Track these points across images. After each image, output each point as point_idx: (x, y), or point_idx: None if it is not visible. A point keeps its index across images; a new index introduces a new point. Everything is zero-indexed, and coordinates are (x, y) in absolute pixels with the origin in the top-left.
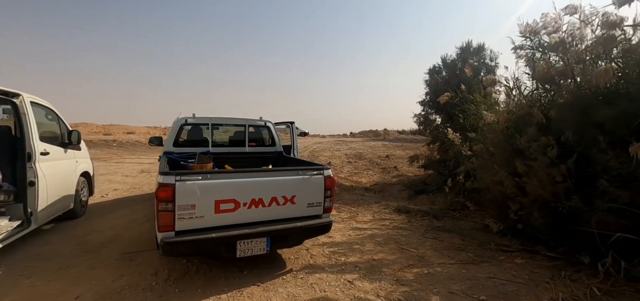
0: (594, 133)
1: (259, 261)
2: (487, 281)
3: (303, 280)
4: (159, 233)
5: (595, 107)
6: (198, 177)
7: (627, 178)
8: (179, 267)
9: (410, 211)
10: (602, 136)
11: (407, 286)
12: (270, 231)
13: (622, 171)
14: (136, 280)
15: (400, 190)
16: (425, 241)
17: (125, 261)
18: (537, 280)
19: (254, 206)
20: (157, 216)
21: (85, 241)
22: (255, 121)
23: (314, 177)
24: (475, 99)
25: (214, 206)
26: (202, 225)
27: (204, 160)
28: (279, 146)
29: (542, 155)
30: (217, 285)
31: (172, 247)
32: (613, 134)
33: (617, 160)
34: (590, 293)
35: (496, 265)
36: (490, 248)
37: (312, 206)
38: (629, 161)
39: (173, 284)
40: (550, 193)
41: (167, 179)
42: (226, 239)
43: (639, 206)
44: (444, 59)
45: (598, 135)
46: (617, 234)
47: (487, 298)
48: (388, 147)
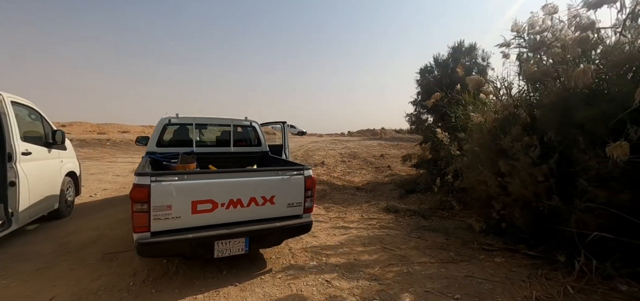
0: (575, 133)
1: (239, 262)
2: (465, 280)
3: (281, 279)
4: (134, 233)
5: (576, 108)
6: (174, 178)
7: (605, 178)
8: (159, 267)
9: (398, 210)
10: (582, 136)
11: (384, 285)
12: (248, 232)
13: (600, 171)
14: (114, 280)
15: (392, 189)
16: (409, 240)
17: (106, 261)
18: (513, 278)
19: (232, 206)
20: (132, 217)
21: (68, 241)
22: (241, 121)
23: (294, 177)
24: (464, 99)
25: (190, 206)
26: (179, 226)
27: (187, 160)
28: (265, 146)
29: (524, 155)
30: (195, 285)
31: (148, 248)
32: (593, 135)
33: (596, 160)
34: (564, 291)
35: (476, 263)
36: (472, 247)
37: (292, 206)
38: (607, 161)
39: (151, 285)
40: (532, 192)
41: (143, 180)
42: (203, 240)
43: (616, 205)
44: (436, 58)
45: (578, 135)
46: (594, 233)
47: (461, 297)
48: (384, 146)
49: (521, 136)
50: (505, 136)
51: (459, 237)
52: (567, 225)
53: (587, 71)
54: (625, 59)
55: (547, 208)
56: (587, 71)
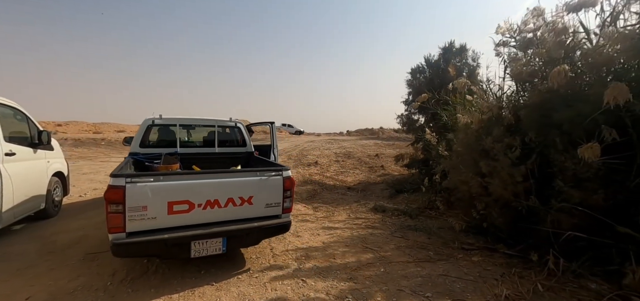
0: (554, 134)
1: (219, 261)
2: (439, 279)
3: (258, 279)
4: (110, 234)
5: (556, 109)
6: (150, 179)
7: (581, 179)
8: (139, 267)
9: (386, 210)
10: (559, 138)
11: (359, 284)
12: (226, 232)
13: (577, 172)
14: (92, 280)
15: (383, 189)
16: (391, 240)
17: (87, 261)
18: (487, 277)
19: (209, 207)
20: (107, 218)
21: (52, 241)
22: (225, 122)
23: (273, 178)
24: (452, 100)
25: (166, 207)
26: (155, 226)
27: (170, 161)
28: (250, 147)
29: (504, 156)
30: (172, 284)
31: (123, 248)
32: (571, 136)
33: (572, 161)
34: (534, 289)
35: (453, 262)
36: (452, 246)
37: (270, 207)
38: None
39: (128, 284)
40: (511, 192)
41: (118, 181)
42: (179, 240)
43: (589, 205)
44: (427, 59)
45: (557, 136)
46: (567, 232)
47: (432, 295)
48: (380, 146)
49: (502, 137)
50: (487, 137)
51: (441, 237)
52: (544, 225)
53: (561, 71)
54: (604, 61)
55: (525, 208)
56: (561, 71)
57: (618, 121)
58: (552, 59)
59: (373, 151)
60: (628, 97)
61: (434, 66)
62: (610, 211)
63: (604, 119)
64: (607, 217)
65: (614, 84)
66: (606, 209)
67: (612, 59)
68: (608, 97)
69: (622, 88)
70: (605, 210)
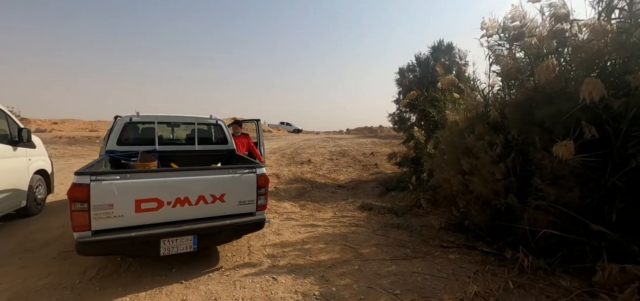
0: (534, 132)
1: (193, 259)
2: (412, 277)
3: (228, 277)
4: (74, 232)
5: (539, 106)
6: (116, 177)
7: (557, 176)
8: (111, 265)
9: (373, 208)
10: (538, 136)
11: (330, 283)
12: (197, 229)
13: (554, 169)
14: (61, 278)
15: (374, 187)
16: (372, 238)
17: (60, 260)
18: (460, 274)
19: (179, 204)
20: (71, 216)
21: (30, 239)
22: (206, 119)
23: (246, 175)
24: (440, 97)
25: (134, 205)
26: (122, 224)
27: (147, 159)
28: (231, 144)
29: (484, 153)
30: (141, 283)
31: (88, 247)
32: (552, 133)
33: (549, 159)
34: (505, 286)
35: (429, 260)
36: (432, 244)
37: (244, 204)
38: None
39: (97, 282)
40: (491, 190)
41: (82, 179)
42: (147, 238)
43: (565, 203)
44: (417, 57)
45: (538, 134)
46: (543, 230)
47: (401, 293)
48: (376, 144)
49: (484, 134)
50: (469, 135)
51: (423, 235)
52: (522, 223)
53: (549, 66)
54: (594, 56)
55: (504, 205)
56: (549, 66)
57: (597, 117)
58: (541, 54)
59: (369, 149)
60: (603, 93)
61: (423, 64)
62: (588, 209)
63: (584, 116)
64: (583, 215)
65: (588, 80)
66: (584, 207)
67: (602, 53)
68: (583, 92)
69: (596, 84)
70: (583, 208)
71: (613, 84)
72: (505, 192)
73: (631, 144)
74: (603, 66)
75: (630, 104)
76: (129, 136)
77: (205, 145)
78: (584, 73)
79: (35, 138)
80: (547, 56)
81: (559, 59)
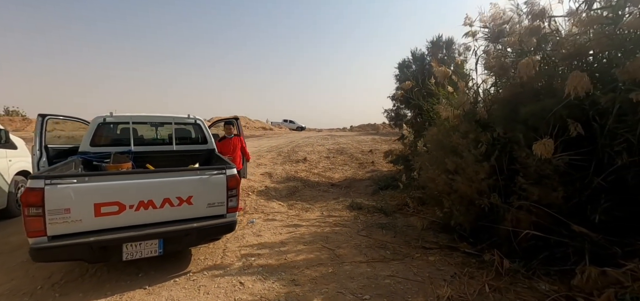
0: (519, 130)
1: (163, 263)
2: (385, 280)
3: (194, 282)
4: (29, 238)
5: (524, 104)
6: (73, 180)
7: (541, 175)
8: (78, 270)
9: (362, 207)
10: (522, 133)
11: (299, 286)
12: (162, 233)
13: (538, 169)
14: (23, 284)
15: (368, 185)
16: (353, 239)
17: (28, 264)
18: (437, 277)
19: (142, 208)
20: (25, 221)
21: (5, 242)
22: (184, 119)
23: (215, 177)
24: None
25: (93, 209)
26: (81, 229)
27: (120, 160)
28: (211, 144)
29: (468, 152)
30: (104, 288)
31: (43, 253)
32: (537, 131)
33: (533, 157)
34: (481, 290)
35: (407, 262)
36: (415, 245)
37: (213, 206)
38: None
39: (59, 288)
40: (475, 190)
41: (36, 183)
42: (106, 243)
43: (548, 203)
44: (413, 52)
45: (523, 131)
46: (525, 231)
47: (371, 297)
48: (376, 141)
49: (468, 132)
50: (454, 133)
51: (407, 235)
52: (505, 223)
53: (530, 63)
54: (575, 52)
55: (488, 205)
56: (530, 63)
57: (583, 114)
58: (524, 51)
59: (368, 146)
60: (589, 88)
61: (420, 59)
62: (573, 209)
63: (569, 113)
64: (567, 215)
65: (574, 74)
66: (569, 208)
67: (585, 48)
68: (569, 88)
69: (582, 78)
70: (569, 208)
71: (599, 79)
72: (490, 191)
73: (617, 141)
74: (586, 60)
75: (617, 99)
76: (102, 136)
77: (183, 145)
78: (567, 69)
79: (17, 139)
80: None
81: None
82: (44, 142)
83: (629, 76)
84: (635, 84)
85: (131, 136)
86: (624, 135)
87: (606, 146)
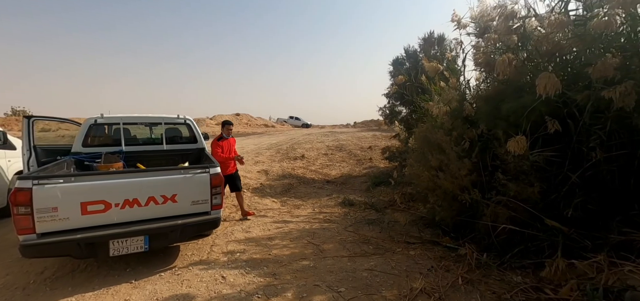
0: (501, 126)
1: (150, 258)
2: (363, 274)
3: (178, 276)
4: (19, 235)
5: (506, 100)
6: (59, 180)
7: (519, 171)
8: (69, 265)
9: (353, 203)
10: (503, 130)
11: (278, 280)
12: (147, 230)
13: (516, 165)
14: (17, 278)
15: (363, 182)
16: (340, 235)
17: (23, 260)
18: (413, 270)
19: (128, 206)
20: (14, 220)
21: (3, 239)
22: (173, 119)
23: (198, 175)
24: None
25: (79, 208)
26: (68, 226)
27: (111, 160)
28: (201, 143)
29: (451, 149)
30: (92, 282)
31: (32, 249)
32: (518, 127)
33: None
34: (454, 282)
35: (387, 257)
36: (398, 240)
37: (197, 204)
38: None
39: (50, 283)
40: (457, 186)
41: (24, 183)
42: (93, 240)
43: (525, 198)
44: (406, 49)
45: (504, 128)
46: (501, 225)
47: (345, 290)
48: (377, 137)
49: (451, 129)
50: (438, 130)
51: (394, 230)
52: (484, 218)
53: (505, 60)
54: (553, 49)
55: (469, 201)
56: (505, 60)
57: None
58: (508, 47)
59: (368, 143)
60: (558, 87)
61: (412, 56)
62: (550, 204)
63: (547, 110)
64: (543, 210)
65: (543, 74)
66: (547, 203)
67: (562, 46)
68: (539, 88)
69: (550, 78)
70: (545, 204)
71: (575, 76)
72: (471, 187)
73: (592, 138)
74: (565, 58)
75: (592, 96)
76: (95, 137)
77: (173, 145)
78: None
79: (15, 140)
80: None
81: (517, 53)
82: (33, 142)
83: (600, 75)
84: (606, 82)
85: (122, 136)
86: (597, 132)
87: (582, 142)
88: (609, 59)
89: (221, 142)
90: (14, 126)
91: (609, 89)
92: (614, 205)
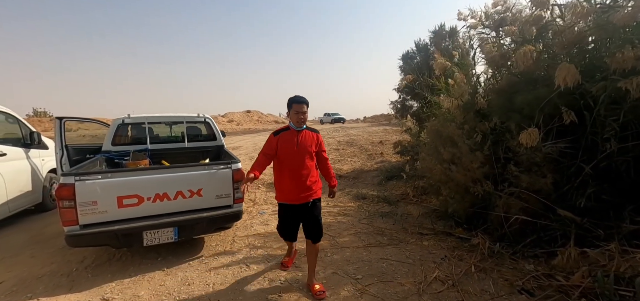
0: (515, 118)
1: (179, 249)
2: (378, 263)
3: (206, 264)
4: (64, 227)
5: (520, 93)
6: (98, 176)
7: (532, 163)
8: (106, 254)
9: (367, 197)
10: (517, 122)
11: (299, 269)
12: (176, 222)
13: (529, 157)
14: (61, 266)
15: (375, 176)
16: (354, 227)
17: (64, 250)
18: (427, 260)
19: (158, 200)
20: (60, 213)
21: (42, 232)
22: (194, 117)
23: (221, 171)
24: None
25: (116, 201)
26: (106, 219)
27: (138, 157)
28: (220, 140)
29: (463, 142)
30: (128, 270)
31: (76, 239)
32: (531, 119)
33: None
34: (467, 271)
35: (401, 247)
36: (411, 231)
37: (221, 198)
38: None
39: (91, 270)
40: (470, 178)
41: (68, 179)
42: (129, 231)
43: (537, 190)
44: (417, 43)
45: (517, 120)
46: (514, 216)
47: (362, 277)
48: (387, 132)
49: (464, 123)
50: (450, 124)
51: (406, 222)
52: (497, 210)
53: (527, 52)
54: (575, 39)
55: (482, 193)
56: (527, 52)
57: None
58: (526, 40)
59: (379, 138)
60: (578, 79)
61: (423, 50)
62: (563, 194)
63: (562, 101)
64: (557, 200)
65: (562, 65)
66: (560, 194)
67: (583, 37)
68: (558, 79)
69: (570, 69)
70: (558, 194)
71: (592, 67)
72: (484, 179)
73: (607, 129)
74: (584, 49)
75: (608, 87)
76: (122, 136)
77: (195, 142)
78: (566, 58)
79: (47, 140)
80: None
81: (537, 45)
82: (64, 142)
83: (619, 66)
84: (625, 74)
85: (147, 135)
86: (612, 124)
87: (596, 133)
88: (629, 51)
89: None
90: (37, 126)
91: (626, 80)
92: (626, 195)
